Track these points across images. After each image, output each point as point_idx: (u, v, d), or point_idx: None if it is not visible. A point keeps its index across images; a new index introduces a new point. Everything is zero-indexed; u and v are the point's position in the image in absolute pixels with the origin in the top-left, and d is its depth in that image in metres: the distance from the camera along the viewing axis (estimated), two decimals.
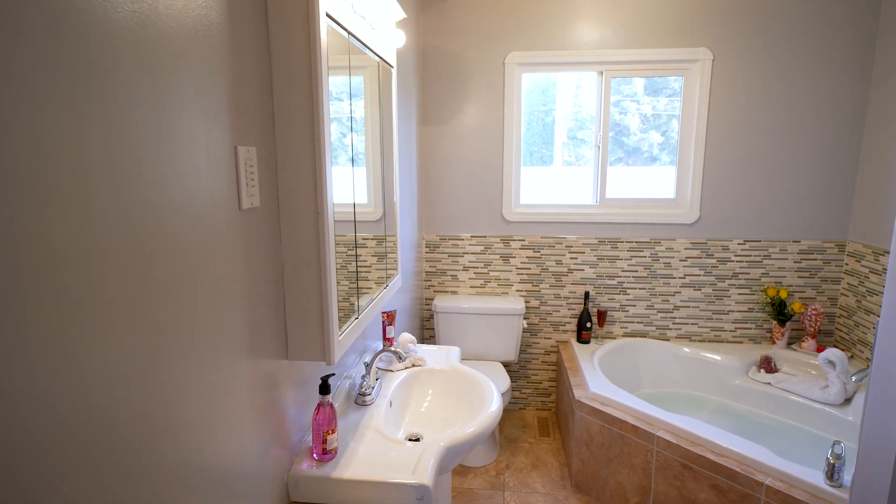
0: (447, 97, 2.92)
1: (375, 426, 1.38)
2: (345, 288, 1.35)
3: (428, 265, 3.10)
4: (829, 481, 1.72)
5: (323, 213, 1.08)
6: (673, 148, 2.94)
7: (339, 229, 1.35)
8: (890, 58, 2.53)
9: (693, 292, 2.95)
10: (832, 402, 2.45)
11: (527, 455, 2.73)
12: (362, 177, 1.69)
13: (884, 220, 2.54)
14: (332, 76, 1.14)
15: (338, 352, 1.15)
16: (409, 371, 1.73)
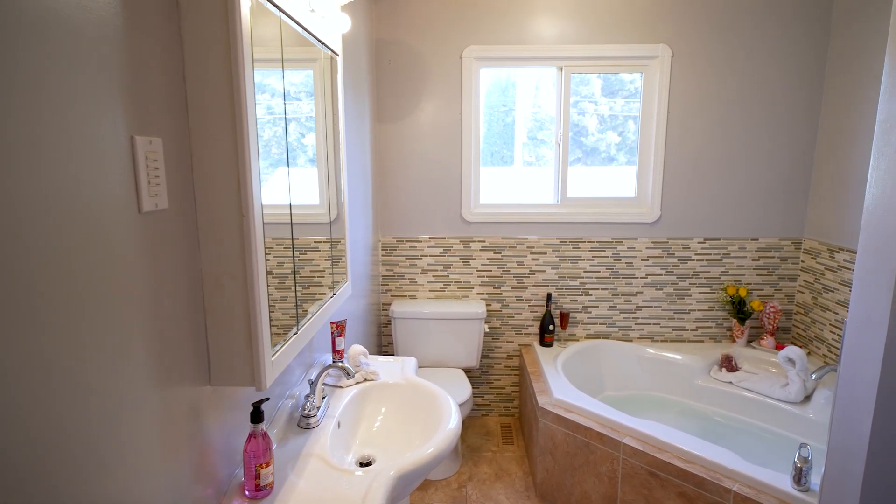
0: (403, 93, 2.79)
1: (320, 453, 1.24)
2: (284, 299, 1.20)
3: (385, 269, 2.95)
4: (796, 486, 1.67)
5: (249, 216, 0.93)
6: (630, 148, 2.91)
7: (283, 233, 1.22)
8: (841, 57, 2.55)
9: (655, 292, 2.92)
10: (792, 400, 2.44)
11: (490, 465, 2.62)
12: (313, 177, 1.56)
13: (838, 217, 2.56)
14: (270, 68, 0.99)
15: (270, 374, 1.00)
16: (360, 387, 1.59)
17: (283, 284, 1.45)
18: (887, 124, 1.32)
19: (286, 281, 1.49)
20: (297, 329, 1.21)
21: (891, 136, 1.31)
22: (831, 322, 2.58)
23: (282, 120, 1.19)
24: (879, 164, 1.34)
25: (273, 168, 1.18)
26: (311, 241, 1.61)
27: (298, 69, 1.43)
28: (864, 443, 1.39)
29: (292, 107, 1.33)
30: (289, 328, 1.19)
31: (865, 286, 1.38)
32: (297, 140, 1.38)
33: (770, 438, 2.43)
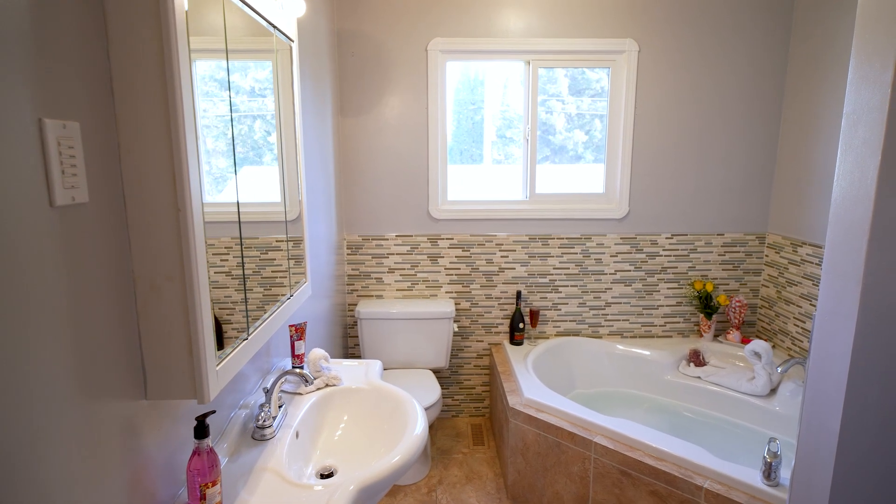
0: (367, 86, 2.70)
1: (275, 467, 1.15)
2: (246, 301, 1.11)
3: (350, 268, 2.86)
4: (766, 481, 1.67)
5: (186, 212, 0.84)
6: (596, 147, 2.89)
7: (244, 231, 1.16)
8: (803, 53, 2.58)
9: (624, 288, 2.91)
10: (759, 394, 2.46)
11: (460, 467, 2.56)
12: (270, 174, 1.47)
13: (801, 212, 2.59)
14: (217, 58, 0.90)
15: (215, 385, 0.91)
16: (321, 393, 1.51)
17: (242, 286, 1.36)
18: (854, 117, 1.31)
19: (248, 282, 1.40)
20: (248, 334, 1.11)
21: (857, 129, 1.30)
22: (795, 315, 2.62)
23: (233, 112, 1.10)
24: (847, 157, 1.33)
25: (227, 164, 1.08)
26: (272, 240, 1.52)
27: (253, 60, 1.34)
28: (834, 437, 1.38)
29: (241, 99, 1.23)
30: (240, 333, 1.10)
31: (834, 279, 1.37)
32: (248, 133, 1.29)
33: (738, 432, 2.44)
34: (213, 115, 1.12)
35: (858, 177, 1.28)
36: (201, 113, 1.03)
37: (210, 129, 1.09)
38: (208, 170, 1.06)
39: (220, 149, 1.10)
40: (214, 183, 1.09)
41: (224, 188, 1.18)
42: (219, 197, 1.10)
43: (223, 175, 1.13)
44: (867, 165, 1.25)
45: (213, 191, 1.09)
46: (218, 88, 1.22)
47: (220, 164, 1.11)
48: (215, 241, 1.08)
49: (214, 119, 1.14)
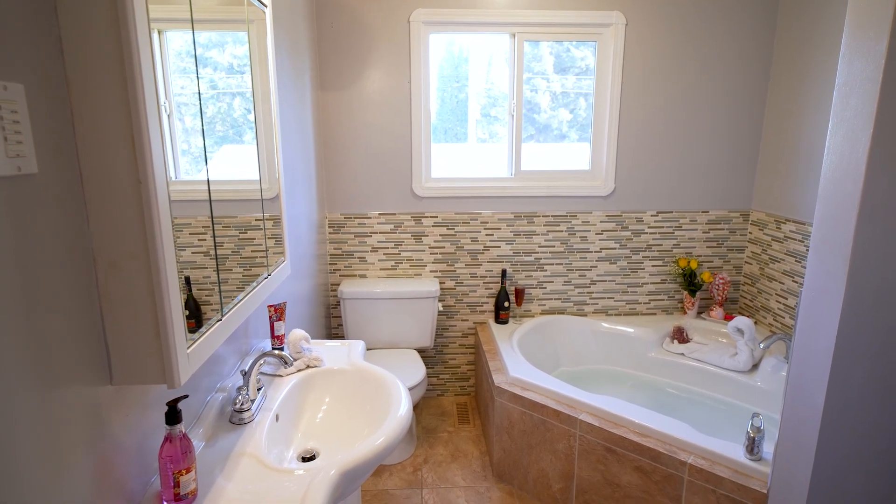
0: (348, 59, 2.60)
1: (253, 451, 1.11)
2: (226, 280, 1.05)
3: (332, 247, 2.80)
4: (749, 455, 1.68)
5: (149, 185, 0.78)
6: (581, 125, 2.85)
7: (220, 210, 1.14)
8: (789, 30, 2.55)
9: (609, 266, 2.90)
10: (741, 369, 2.49)
11: (446, 446, 2.56)
12: (247, 150, 1.42)
13: (784, 189, 2.59)
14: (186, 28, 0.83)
15: (186, 369, 0.87)
16: (302, 374, 1.47)
17: (223, 266, 1.31)
18: (846, 89, 1.28)
19: (226, 262, 1.35)
20: (222, 315, 1.06)
21: (850, 101, 1.27)
22: (777, 292, 2.63)
23: (201, 83, 1.03)
24: (838, 130, 1.30)
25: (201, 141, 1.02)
26: (251, 219, 1.47)
27: (228, 32, 1.26)
28: (818, 412, 1.38)
29: (219, 76, 1.16)
30: (215, 313, 1.05)
31: (821, 255, 1.36)
32: (227, 111, 1.22)
33: (721, 408, 2.47)
34: (190, 91, 1.10)
35: (849, 150, 1.25)
36: (178, 89, 1.01)
37: (188, 106, 1.07)
38: (187, 148, 1.05)
39: (197, 127, 1.04)
40: (192, 161, 1.05)
41: (200, 166, 1.12)
42: (196, 175, 1.07)
43: (198, 152, 1.09)
44: (858, 139, 1.23)
45: (192, 169, 1.07)
46: (195, 64, 1.18)
47: (197, 142, 1.05)
48: (192, 219, 1.05)
49: (192, 97, 1.12)
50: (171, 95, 1.00)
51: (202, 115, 1.06)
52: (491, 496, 2.21)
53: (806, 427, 1.42)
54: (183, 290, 1.02)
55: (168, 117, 1.01)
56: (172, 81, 0.99)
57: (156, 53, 0.94)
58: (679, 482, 1.74)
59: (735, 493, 1.63)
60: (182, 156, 1.03)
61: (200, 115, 1.05)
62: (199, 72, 1.04)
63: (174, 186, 1.00)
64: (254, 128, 1.39)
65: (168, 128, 0.98)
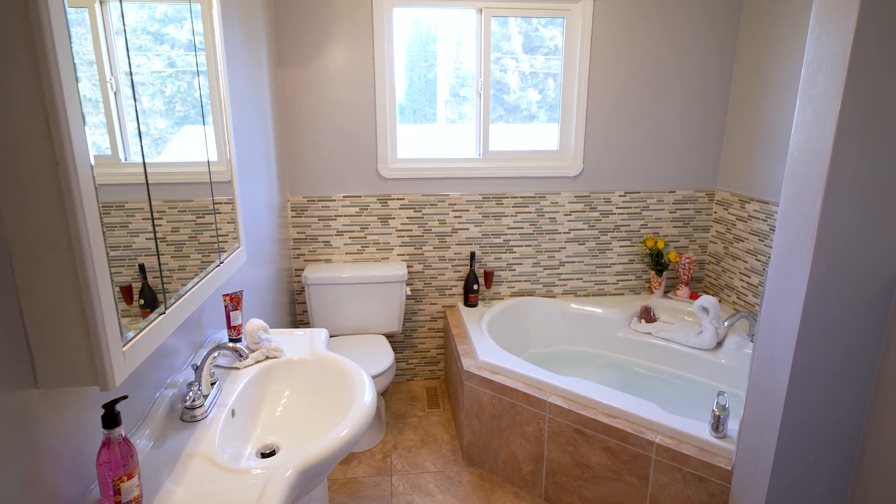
0: (307, 34, 2.48)
1: (206, 451, 1.05)
2: (183, 268, 0.97)
3: (295, 231, 2.70)
4: (714, 433, 1.70)
5: (69, 167, 0.69)
6: (550, 106, 2.81)
7: (171, 194, 1.10)
8: (755, 8, 2.54)
9: (577, 247, 2.89)
10: (706, 347, 2.52)
11: (415, 431, 2.53)
12: (201, 131, 1.34)
13: (748, 168, 2.61)
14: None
15: (122, 368, 0.79)
16: (260, 366, 1.40)
17: (180, 252, 1.24)
18: (814, 66, 1.26)
19: (183, 248, 1.27)
20: (166, 307, 0.99)
21: (817, 78, 1.25)
22: (741, 270, 2.67)
23: (131, 53, 0.93)
24: (805, 108, 1.29)
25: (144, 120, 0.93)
26: (209, 202, 1.38)
27: (168, 2, 1.16)
28: (783, 388, 1.39)
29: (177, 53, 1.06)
30: (158, 307, 0.97)
31: (788, 233, 1.36)
32: (164, 83, 1.12)
33: (687, 386, 2.51)
34: (147, 70, 1.06)
35: (817, 128, 1.24)
36: (133, 68, 0.97)
37: (145, 86, 1.05)
38: (146, 129, 1.02)
39: (152, 107, 0.96)
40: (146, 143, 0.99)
41: (150, 147, 1.05)
42: (150, 158, 1.02)
43: (144, 132, 1.02)
44: (826, 116, 1.21)
45: (150, 152, 1.03)
46: (152, 42, 1.11)
47: (149, 122, 0.97)
48: (145, 204, 0.99)
49: (148, 75, 1.07)
50: (117, 71, 0.93)
51: (133, 92, 0.97)
52: (461, 480, 2.19)
53: (770, 403, 1.43)
54: (137, 277, 0.96)
55: (115, 95, 0.93)
56: (117, 56, 0.91)
57: (98, 27, 0.85)
58: (647, 461, 1.76)
59: (700, 470, 1.65)
60: (133, 137, 0.97)
61: (133, 89, 0.96)
62: (128, 45, 0.94)
63: (122, 169, 0.93)
64: (199, 106, 1.29)
65: (116, 106, 0.91)
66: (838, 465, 1.44)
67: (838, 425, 1.41)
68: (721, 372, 2.46)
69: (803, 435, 1.41)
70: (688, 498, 1.69)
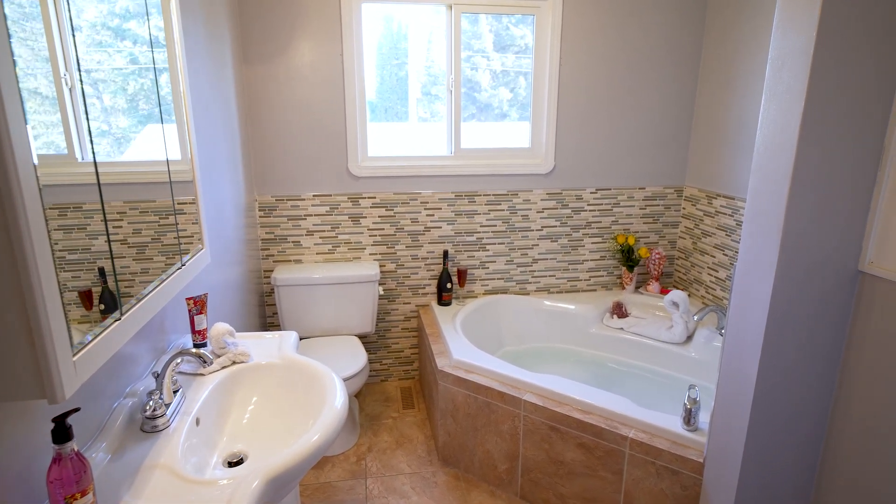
0: (273, 29, 2.42)
1: (168, 462, 1.00)
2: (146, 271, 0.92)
3: (264, 231, 2.64)
4: (686, 426, 1.72)
5: (7, 164, 0.64)
6: (521, 105, 2.81)
7: (136, 194, 1.09)
8: (721, 5, 2.58)
9: (550, 244, 2.90)
10: (676, 341, 2.56)
11: (390, 432, 2.50)
12: (163, 129, 1.30)
13: (715, 164, 2.65)
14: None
15: (72, 380, 0.74)
16: (227, 372, 1.35)
17: (142, 255, 1.19)
18: (778, 62, 1.28)
19: (146, 250, 1.21)
20: (121, 313, 0.93)
21: (782, 74, 1.27)
22: (709, 265, 2.72)
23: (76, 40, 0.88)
24: (771, 104, 1.31)
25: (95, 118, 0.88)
26: (171, 203, 1.33)
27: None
28: (752, 381, 1.41)
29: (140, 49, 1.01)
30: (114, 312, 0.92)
31: (755, 228, 1.37)
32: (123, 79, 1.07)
33: (659, 379, 2.54)
34: (108, 67, 1.05)
35: (782, 124, 1.26)
36: (93, 64, 0.96)
37: (107, 83, 1.03)
38: (107, 129, 0.99)
39: (116, 105, 0.91)
40: (107, 142, 0.97)
41: (112, 147, 1.01)
42: (108, 157, 0.99)
43: (106, 132, 0.99)
44: (791, 112, 1.23)
45: (111, 151, 1.01)
46: (113, 38, 1.08)
47: (120, 122, 0.92)
48: (104, 205, 0.95)
49: (110, 72, 1.05)
50: (73, 68, 0.89)
51: (82, 86, 0.91)
52: (437, 481, 2.17)
53: (740, 396, 1.45)
54: (97, 281, 0.92)
55: (70, 91, 0.88)
56: (73, 52, 0.88)
57: (52, 21, 0.80)
58: (621, 456, 1.77)
59: (673, 463, 1.66)
60: (92, 136, 0.94)
61: (81, 85, 0.91)
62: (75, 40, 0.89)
63: (78, 168, 0.89)
64: (158, 103, 1.24)
65: (71, 103, 0.87)
66: (805, 453, 1.48)
67: (805, 415, 1.44)
68: (691, 365, 2.50)
69: (772, 426, 1.43)
70: (661, 491, 1.71)
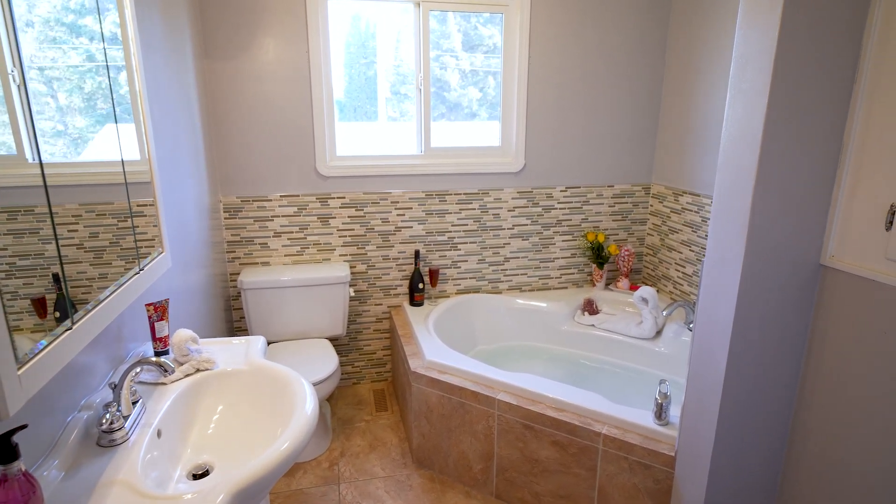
0: (235, 24, 2.35)
1: (126, 478, 0.95)
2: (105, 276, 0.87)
3: (230, 233, 2.56)
4: (657, 421, 1.74)
5: None
6: (491, 104, 2.81)
7: (94, 196, 1.07)
8: (684, 4, 2.63)
9: (521, 242, 2.90)
10: (646, 337, 2.60)
11: (363, 436, 2.46)
12: (129, 128, 1.24)
13: (681, 162, 2.70)
14: None
15: (17, 395, 0.69)
16: (190, 380, 1.29)
17: (100, 259, 1.13)
18: (742, 60, 1.30)
19: (104, 255, 1.16)
20: (73, 322, 0.88)
21: (745, 72, 1.29)
22: (676, 261, 2.77)
23: None
24: (735, 102, 1.32)
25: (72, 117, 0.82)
26: (133, 204, 1.27)
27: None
28: (721, 374, 1.43)
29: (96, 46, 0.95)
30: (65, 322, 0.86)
31: (722, 224, 1.40)
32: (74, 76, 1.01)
33: (630, 375, 2.57)
34: (63, 64, 1.02)
35: (746, 122, 1.28)
36: (48, 62, 0.94)
37: (62, 81, 1.01)
38: (63, 128, 0.98)
39: (72, 104, 0.85)
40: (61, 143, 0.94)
41: (69, 148, 0.95)
42: (63, 157, 0.97)
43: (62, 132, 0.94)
44: (755, 110, 1.25)
45: (66, 152, 0.99)
46: (68, 34, 1.04)
47: (77, 121, 0.86)
48: (58, 208, 0.93)
49: (65, 70, 1.02)
50: (23, 63, 0.84)
51: (25, 84, 0.86)
52: (412, 483, 2.15)
53: (710, 388, 1.47)
54: (52, 288, 0.89)
55: (18, 88, 0.84)
56: (22, 47, 0.84)
57: None
58: (594, 453, 1.78)
59: (646, 458, 1.68)
60: (50, 136, 0.91)
61: (24, 83, 0.85)
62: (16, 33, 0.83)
63: (28, 170, 0.85)
64: (112, 101, 1.18)
65: (20, 101, 0.83)
66: (773, 442, 1.51)
67: (772, 406, 1.47)
68: (661, 360, 2.54)
69: (741, 417, 1.46)
70: (634, 486, 1.72)
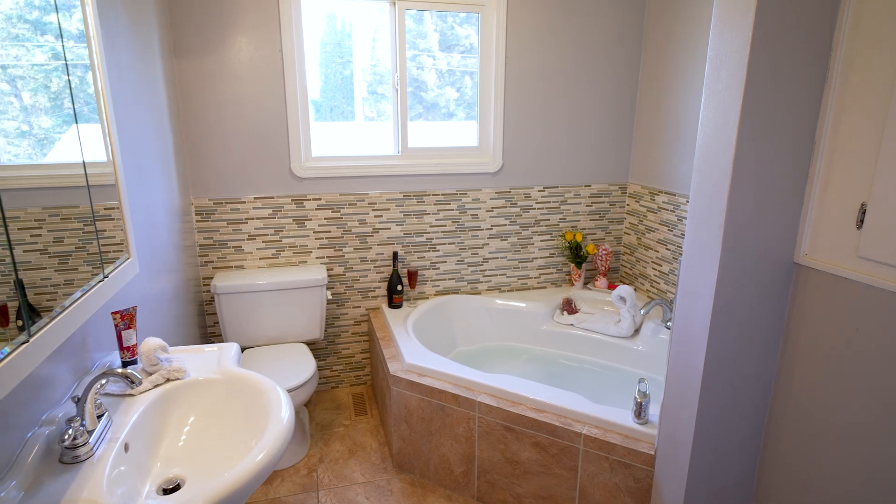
0: (205, 21, 2.28)
1: (91, 496, 0.90)
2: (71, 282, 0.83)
3: (202, 237, 2.49)
4: (637, 420, 1.75)
5: None
6: (468, 104, 2.80)
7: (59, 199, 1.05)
8: (659, 4, 2.66)
9: (500, 243, 2.90)
10: (624, 335, 2.62)
11: (342, 441, 2.42)
12: (94, 129, 1.20)
13: (656, 161, 2.73)
14: None
15: None
16: (160, 390, 1.25)
17: (66, 265, 1.09)
18: (717, 61, 1.31)
19: (69, 261, 1.11)
20: (29, 335, 0.84)
21: (720, 73, 1.29)
22: (653, 260, 2.80)
23: None
24: (710, 103, 1.33)
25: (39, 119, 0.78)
26: (99, 207, 1.23)
27: None
28: (699, 372, 1.44)
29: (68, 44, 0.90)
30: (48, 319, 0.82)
31: (698, 224, 1.40)
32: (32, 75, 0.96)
33: (609, 374, 2.59)
34: (26, 63, 1.00)
35: (721, 123, 1.29)
36: (11, 60, 0.94)
37: (27, 80, 0.99)
38: (28, 129, 0.98)
39: (37, 104, 0.81)
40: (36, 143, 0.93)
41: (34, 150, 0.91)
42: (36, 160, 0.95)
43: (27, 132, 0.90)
44: (730, 111, 1.26)
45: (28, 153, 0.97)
46: (31, 31, 1.02)
47: (42, 122, 0.82)
48: (21, 212, 0.90)
49: (31, 69, 1.01)
50: None
51: None
52: (392, 488, 2.12)
53: (688, 386, 1.48)
54: (14, 295, 0.86)
55: None
56: None
57: None
58: (575, 453, 1.78)
59: (626, 457, 1.68)
60: (7, 136, 0.89)
61: None
62: None
63: None
64: (73, 100, 1.13)
65: None
66: (749, 437, 1.52)
67: (749, 401, 1.49)
68: (639, 358, 2.56)
69: (718, 413, 1.47)
70: (615, 485, 1.73)
